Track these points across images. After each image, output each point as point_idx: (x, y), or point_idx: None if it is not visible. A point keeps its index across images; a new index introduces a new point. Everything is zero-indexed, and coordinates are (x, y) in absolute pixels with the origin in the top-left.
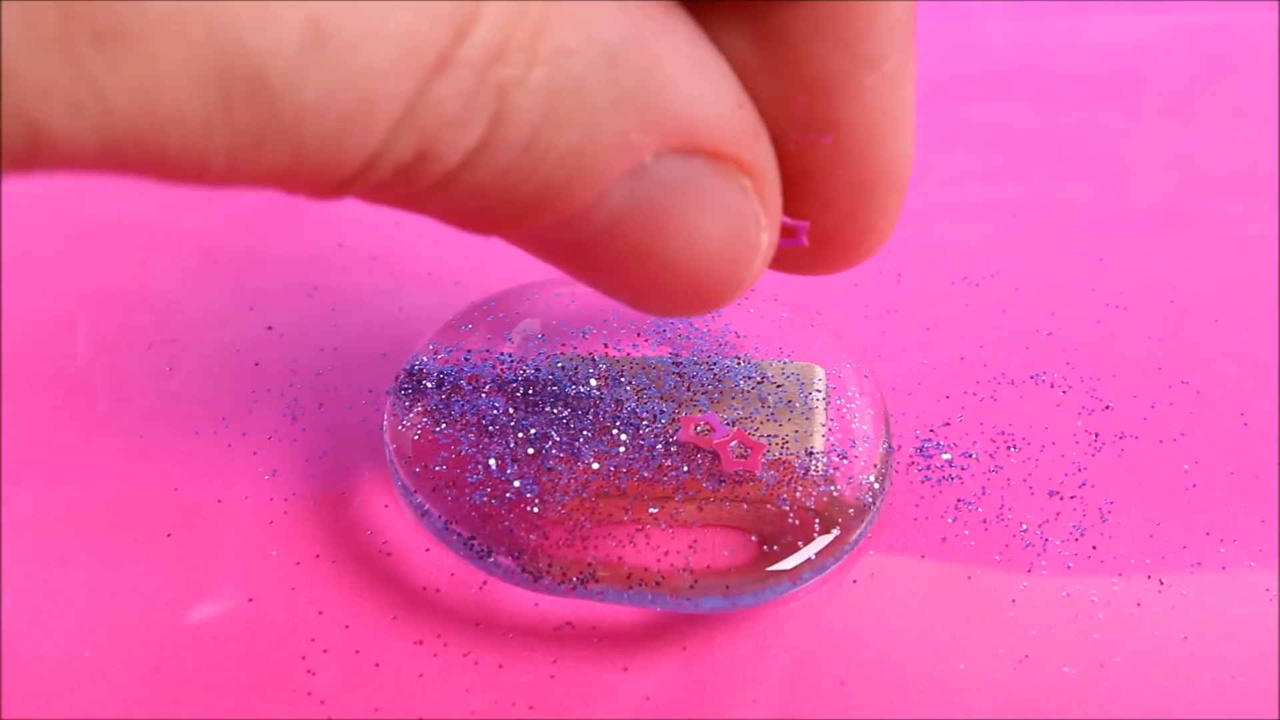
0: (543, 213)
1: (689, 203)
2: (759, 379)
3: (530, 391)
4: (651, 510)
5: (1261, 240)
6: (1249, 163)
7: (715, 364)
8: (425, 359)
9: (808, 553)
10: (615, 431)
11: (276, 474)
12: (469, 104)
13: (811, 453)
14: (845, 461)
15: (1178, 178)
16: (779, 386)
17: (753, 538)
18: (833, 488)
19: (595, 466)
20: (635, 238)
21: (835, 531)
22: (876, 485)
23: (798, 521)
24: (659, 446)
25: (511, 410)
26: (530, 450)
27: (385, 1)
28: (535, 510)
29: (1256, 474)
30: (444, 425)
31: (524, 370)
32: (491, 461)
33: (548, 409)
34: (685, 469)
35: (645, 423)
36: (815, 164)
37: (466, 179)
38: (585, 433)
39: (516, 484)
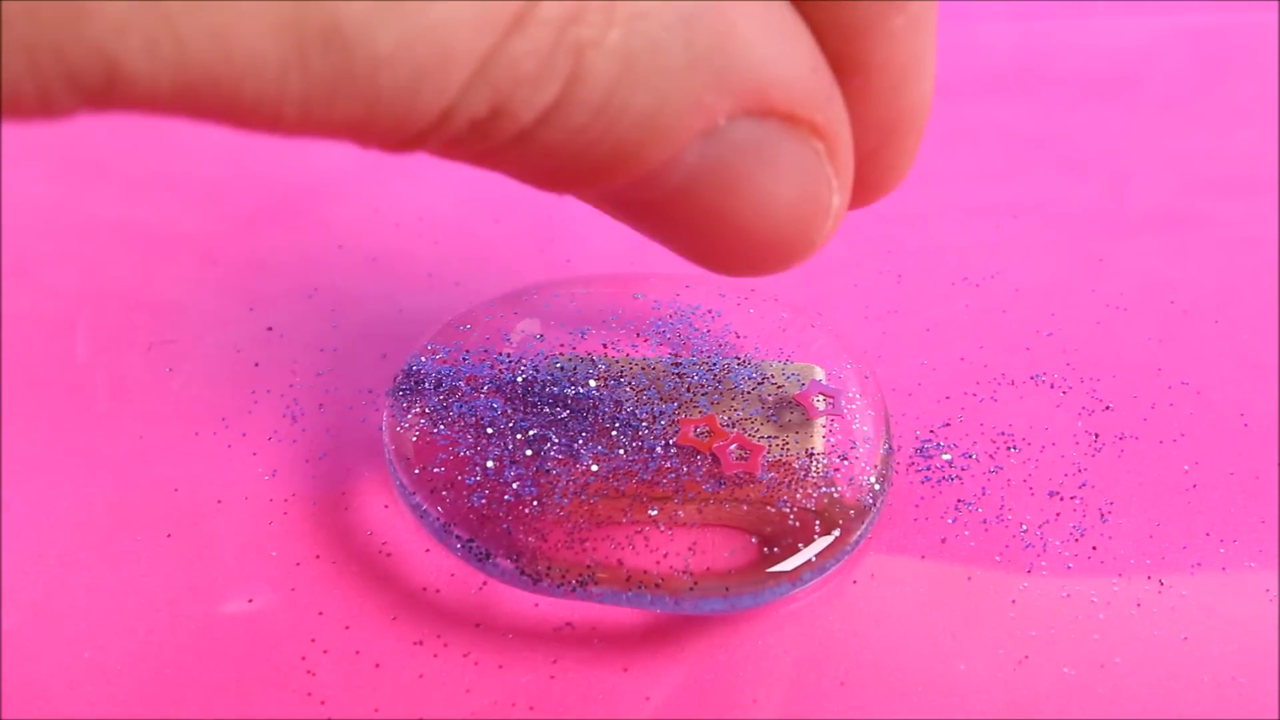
0: (616, 173)
1: (761, 165)
2: (759, 380)
3: (529, 392)
4: (651, 512)
5: (1261, 240)
6: (1249, 163)
7: (715, 365)
8: (424, 360)
9: (808, 554)
10: (614, 433)
11: (276, 475)
12: (545, 63)
13: (812, 454)
14: (845, 463)
15: (1178, 178)
16: (779, 387)
17: (753, 539)
18: (833, 489)
19: (594, 468)
20: (707, 198)
21: (835, 533)
22: (877, 486)
23: (798, 523)
24: (658, 448)
25: (510, 411)
26: (529, 452)
27: None
28: (534, 512)
29: (1256, 474)
30: (442, 426)
31: (523, 371)
32: (490, 463)
33: (546, 410)
34: (685, 470)
35: (645, 424)
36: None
37: (540, 137)
38: (584, 434)
39: (515, 485)
